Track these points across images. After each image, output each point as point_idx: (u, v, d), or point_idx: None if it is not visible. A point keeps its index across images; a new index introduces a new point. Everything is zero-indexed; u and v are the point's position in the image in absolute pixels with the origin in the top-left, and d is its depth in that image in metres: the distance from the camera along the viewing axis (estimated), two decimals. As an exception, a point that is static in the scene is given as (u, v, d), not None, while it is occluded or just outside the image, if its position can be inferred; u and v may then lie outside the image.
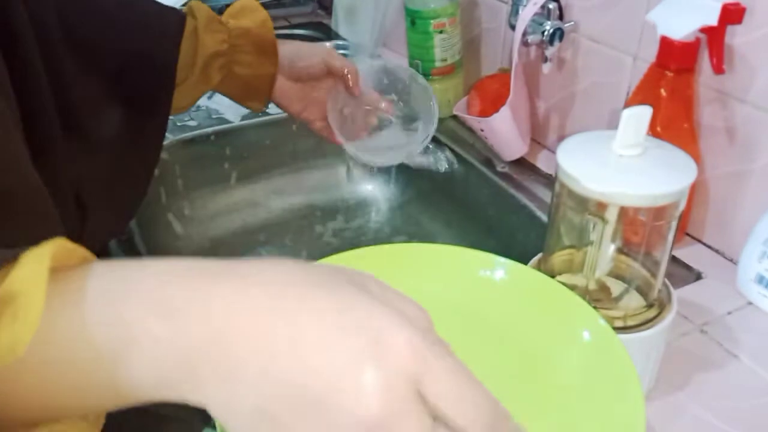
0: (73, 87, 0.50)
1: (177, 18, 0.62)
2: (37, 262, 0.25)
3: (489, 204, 0.90)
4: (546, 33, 0.81)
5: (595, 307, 0.50)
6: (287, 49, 0.70)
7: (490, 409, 0.27)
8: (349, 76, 0.71)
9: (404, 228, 1.02)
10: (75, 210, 0.50)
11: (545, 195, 0.84)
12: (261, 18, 0.68)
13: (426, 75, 0.97)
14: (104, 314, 0.26)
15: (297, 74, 0.71)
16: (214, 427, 0.33)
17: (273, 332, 0.25)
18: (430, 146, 0.93)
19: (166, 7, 0.63)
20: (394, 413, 0.24)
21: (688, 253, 0.72)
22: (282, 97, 0.71)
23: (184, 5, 0.65)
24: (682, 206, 0.51)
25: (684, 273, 0.70)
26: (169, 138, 0.94)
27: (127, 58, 0.58)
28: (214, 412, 0.26)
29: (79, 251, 0.27)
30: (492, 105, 0.88)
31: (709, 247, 0.74)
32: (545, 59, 0.84)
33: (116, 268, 0.27)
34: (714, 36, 0.64)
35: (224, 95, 0.70)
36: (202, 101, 1.05)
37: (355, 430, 0.24)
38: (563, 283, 0.52)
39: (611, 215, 0.50)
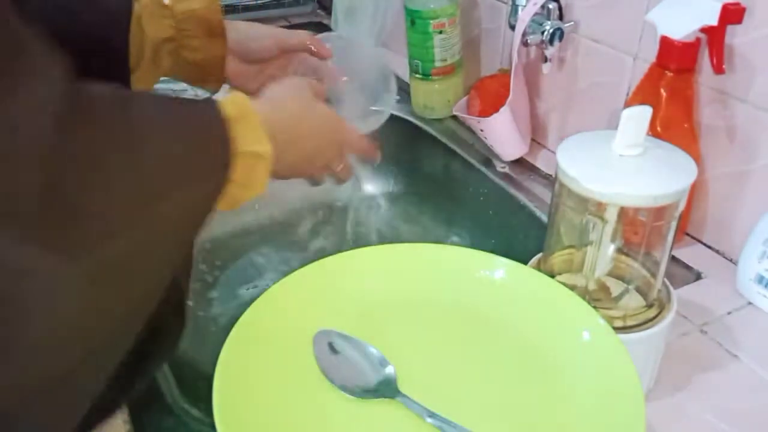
0: None
1: (124, 2, 0.61)
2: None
3: (489, 204, 0.90)
4: (546, 33, 0.81)
5: (595, 307, 0.50)
6: (237, 31, 0.69)
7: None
8: (312, 46, 0.72)
9: (404, 228, 1.02)
10: None
11: (545, 195, 0.84)
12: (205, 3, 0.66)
13: (426, 75, 0.97)
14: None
15: (249, 55, 0.70)
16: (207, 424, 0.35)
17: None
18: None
19: None
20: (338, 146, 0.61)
21: (688, 253, 0.72)
22: (236, 78, 0.71)
23: None
24: (682, 206, 0.51)
25: (684, 273, 0.70)
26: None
27: (82, 44, 0.55)
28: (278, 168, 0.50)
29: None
30: (492, 105, 0.88)
31: (709, 247, 0.74)
32: (545, 59, 0.84)
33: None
34: (714, 36, 0.64)
35: (177, 80, 0.70)
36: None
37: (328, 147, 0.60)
38: (563, 283, 0.52)
39: (611, 215, 0.50)
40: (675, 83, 0.67)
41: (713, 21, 0.62)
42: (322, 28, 1.32)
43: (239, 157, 0.45)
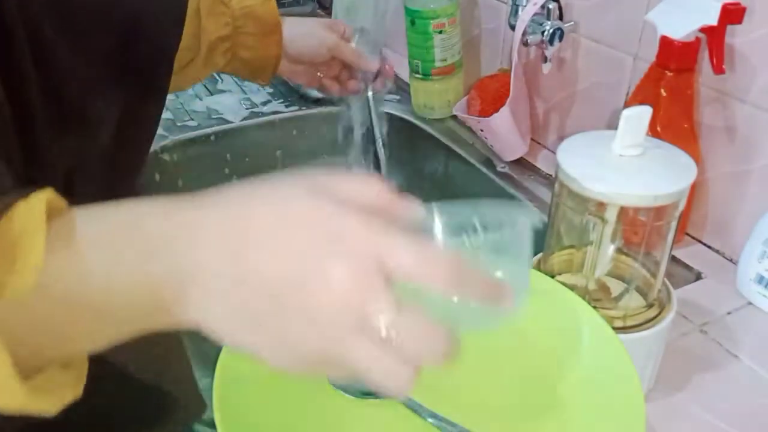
0: (68, 74, 0.44)
1: (180, 8, 0.55)
2: (33, 205, 0.27)
3: (489, 204, 0.90)
4: (546, 33, 0.81)
5: (595, 307, 0.50)
6: (291, 32, 0.70)
7: (450, 262, 0.29)
8: (360, 63, 0.74)
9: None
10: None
11: (545, 195, 0.84)
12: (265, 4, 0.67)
13: (426, 75, 0.97)
14: (102, 255, 0.29)
15: (300, 57, 0.71)
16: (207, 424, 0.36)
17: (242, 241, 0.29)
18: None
19: None
20: (364, 293, 0.27)
21: (688, 253, 0.72)
22: (288, 74, 0.73)
23: None
24: (681, 206, 0.51)
25: (684, 273, 0.70)
26: (169, 138, 0.94)
27: (126, 37, 0.52)
28: (204, 323, 0.30)
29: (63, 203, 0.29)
30: (492, 105, 0.88)
31: (709, 247, 0.74)
32: (545, 59, 0.84)
33: (99, 213, 0.30)
34: (714, 36, 0.64)
35: (229, 74, 0.70)
36: (203, 102, 1.05)
37: (334, 317, 0.28)
38: (563, 283, 0.52)
39: (611, 215, 0.50)
40: (675, 83, 0.67)
41: (713, 21, 0.62)
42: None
43: None
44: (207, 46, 0.63)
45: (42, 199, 0.28)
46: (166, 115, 1.00)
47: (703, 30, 0.64)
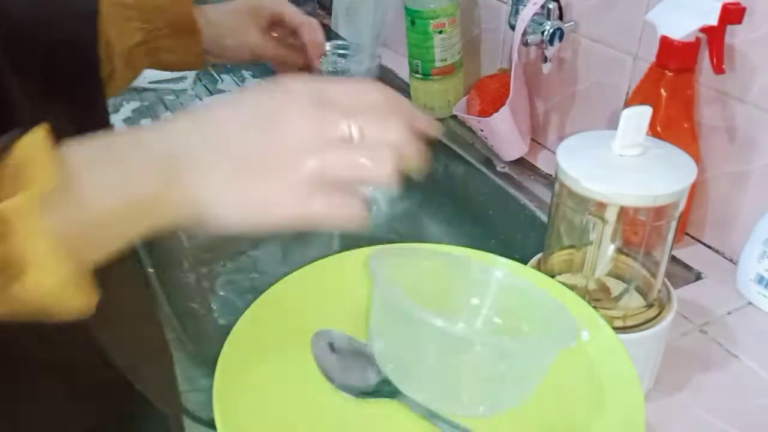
0: (10, 90, 0.42)
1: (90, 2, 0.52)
2: (35, 137, 0.30)
3: (489, 204, 0.90)
4: (546, 33, 0.81)
5: (595, 307, 0.50)
6: (210, 25, 0.64)
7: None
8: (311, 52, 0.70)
9: (404, 228, 1.02)
10: None
11: (545, 195, 0.84)
12: None
13: (426, 75, 0.97)
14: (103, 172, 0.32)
15: (224, 54, 0.68)
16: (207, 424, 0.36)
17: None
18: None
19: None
20: (318, 121, 0.35)
21: (688, 253, 0.72)
22: (219, 59, 0.69)
23: None
24: (681, 206, 0.51)
25: (684, 273, 0.70)
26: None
27: (52, 48, 0.48)
28: (199, 197, 0.34)
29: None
30: (492, 105, 0.88)
31: (709, 247, 0.74)
32: (545, 59, 0.84)
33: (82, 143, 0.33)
34: (714, 36, 0.64)
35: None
36: (203, 102, 1.05)
37: (300, 146, 0.34)
38: (563, 283, 0.52)
39: (611, 215, 0.50)
40: (675, 83, 0.67)
41: (713, 21, 0.62)
42: (321, 28, 1.32)
43: None
44: (122, 55, 0.58)
45: (41, 129, 0.31)
46: (166, 114, 1.00)
47: (703, 30, 0.64)
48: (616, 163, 0.49)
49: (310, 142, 0.34)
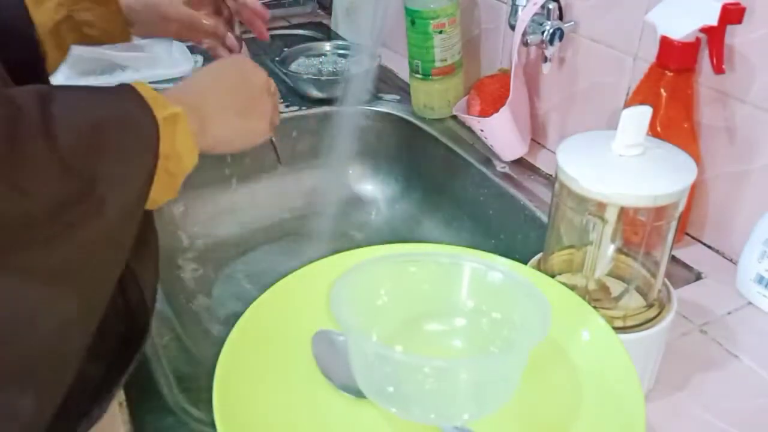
0: None
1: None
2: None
3: (489, 204, 0.90)
4: (546, 33, 0.81)
5: (595, 307, 0.50)
6: (129, 2, 0.66)
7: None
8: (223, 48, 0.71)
9: (404, 228, 1.02)
10: None
11: (545, 195, 0.84)
12: None
13: (426, 75, 0.97)
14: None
15: (149, 32, 0.70)
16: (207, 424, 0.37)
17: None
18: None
19: None
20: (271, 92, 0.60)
21: (688, 253, 0.72)
22: (146, 31, 0.70)
23: None
24: (681, 206, 0.51)
25: (684, 273, 0.70)
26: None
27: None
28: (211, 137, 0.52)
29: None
30: (492, 105, 0.88)
31: (709, 247, 0.74)
32: (545, 59, 0.84)
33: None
34: (714, 36, 0.64)
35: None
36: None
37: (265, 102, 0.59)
38: (563, 283, 0.52)
39: (611, 215, 0.50)
40: (675, 83, 0.67)
41: (713, 21, 0.63)
42: (322, 28, 1.32)
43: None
44: (50, 37, 0.60)
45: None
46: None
47: (703, 30, 0.64)
48: (616, 163, 0.49)
49: (264, 91, 0.58)
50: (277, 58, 1.13)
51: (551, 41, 0.81)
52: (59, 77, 0.63)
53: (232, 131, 0.55)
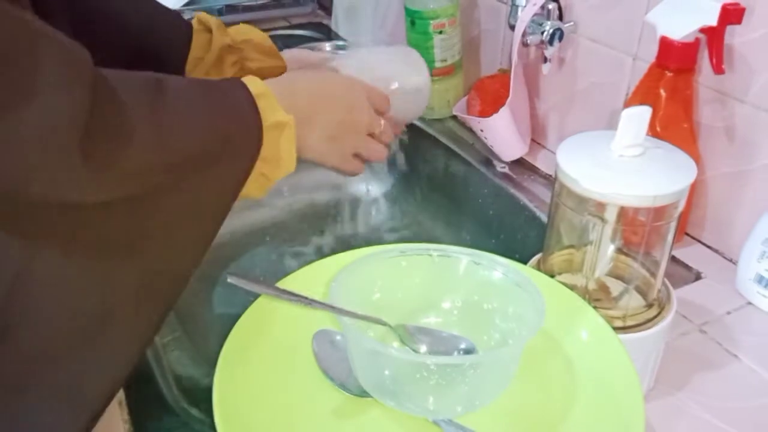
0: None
1: (185, 22, 0.64)
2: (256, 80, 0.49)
3: (489, 204, 0.90)
4: (545, 33, 0.81)
5: (594, 307, 0.50)
6: (294, 54, 0.71)
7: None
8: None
9: (404, 228, 1.02)
10: None
11: (545, 195, 0.84)
12: (260, 33, 0.69)
13: (426, 75, 0.97)
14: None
15: None
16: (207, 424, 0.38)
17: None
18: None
19: (173, 11, 0.65)
20: (371, 119, 0.60)
21: (688, 253, 0.72)
22: None
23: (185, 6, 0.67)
24: (681, 206, 0.51)
25: (683, 273, 0.71)
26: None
27: (135, 58, 0.59)
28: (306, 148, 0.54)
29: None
30: (492, 105, 0.88)
31: (709, 247, 0.74)
32: (545, 59, 0.84)
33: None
34: (714, 36, 0.64)
35: None
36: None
37: (362, 129, 0.59)
38: (563, 283, 0.53)
39: (611, 215, 0.50)
40: (674, 83, 0.67)
41: (713, 21, 0.63)
42: (322, 28, 1.32)
43: (264, 132, 0.47)
44: (215, 53, 0.65)
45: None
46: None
47: (702, 30, 0.64)
48: (616, 163, 0.49)
49: (364, 130, 0.59)
50: (277, 59, 1.13)
51: (551, 41, 0.82)
52: None
53: (315, 148, 0.56)
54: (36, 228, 0.37)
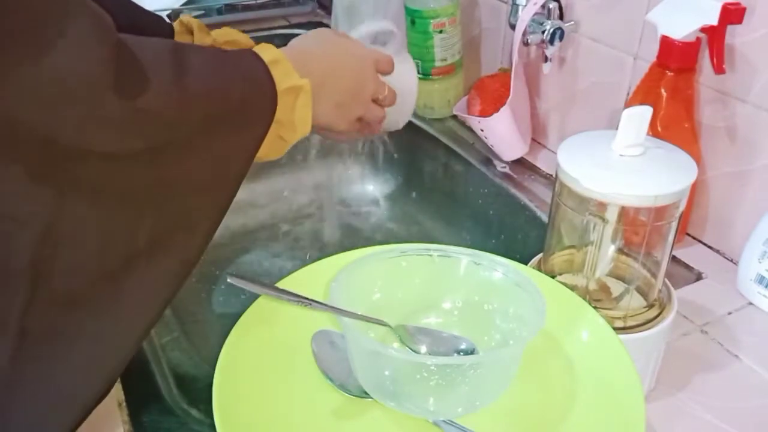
0: None
1: (167, 24, 0.65)
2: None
3: (489, 204, 0.90)
4: (546, 33, 0.81)
5: (595, 308, 0.50)
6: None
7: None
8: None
9: (404, 228, 1.02)
10: None
11: (545, 195, 0.84)
12: (243, 36, 0.70)
13: (426, 75, 0.97)
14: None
15: None
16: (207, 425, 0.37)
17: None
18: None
19: (155, 14, 0.66)
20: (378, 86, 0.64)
21: (689, 254, 0.72)
22: None
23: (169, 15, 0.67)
24: (682, 206, 0.50)
25: (684, 273, 0.70)
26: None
27: None
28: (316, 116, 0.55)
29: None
30: (492, 105, 0.88)
31: (710, 247, 0.74)
32: (545, 59, 0.84)
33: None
34: (714, 36, 0.64)
35: None
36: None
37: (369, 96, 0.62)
38: (563, 284, 0.52)
39: (611, 215, 0.50)
40: (675, 83, 0.67)
41: (713, 21, 0.62)
42: (321, 27, 1.32)
43: (279, 96, 0.49)
44: None
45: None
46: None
47: (703, 30, 0.64)
48: (617, 163, 0.49)
49: (369, 96, 0.62)
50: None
51: (552, 41, 0.81)
52: None
53: (327, 116, 0.58)
54: (66, 178, 0.39)
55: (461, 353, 0.48)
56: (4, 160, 0.36)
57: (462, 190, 0.94)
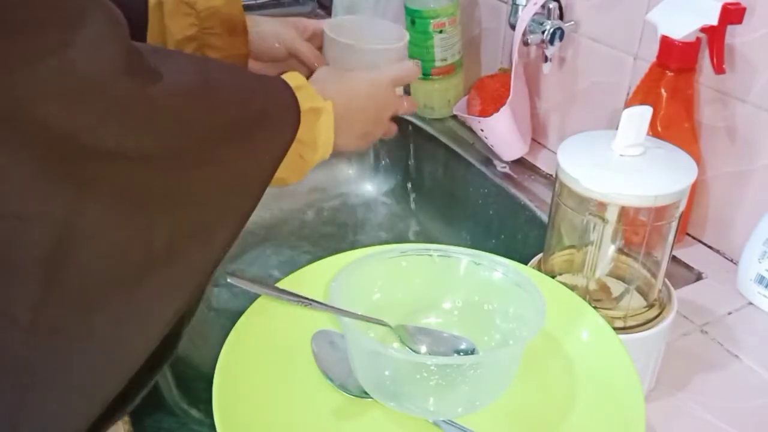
0: None
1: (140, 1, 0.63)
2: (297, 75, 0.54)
3: (489, 204, 0.90)
4: (546, 33, 0.81)
5: (595, 308, 0.50)
6: (252, 31, 0.70)
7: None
8: (315, 62, 0.72)
9: (403, 228, 1.02)
10: None
11: (545, 195, 0.84)
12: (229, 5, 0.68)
13: (426, 75, 0.97)
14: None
15: (261, 56, 0.72)
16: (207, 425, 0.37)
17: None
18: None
19: None
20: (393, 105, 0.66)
21: (689, 254, 0.72)
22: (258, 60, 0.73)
23: None
24: (682, 206, 0.50)
25: (684, 273, 0.70)
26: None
27: None
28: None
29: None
30: (492, 105, 0.88)
31: (710, 247, 0.74)
32: (545, 59, 0.84)
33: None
34: (714, 36, 0.64)
35: None
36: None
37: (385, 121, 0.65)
38: (563, 284, 0.52)
39: (611, 215, 0.50)
40: (675, 83, 0.67)
41: (713, 21, 0.62)
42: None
43: (302, 115, 0.50)
44: (173, 46, 0.64)
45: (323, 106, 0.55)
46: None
47: (703, 30, 0.64)
48: (617, 163, 0.49)
49: (388, 118, 0.65)
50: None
51: (552, 41, 0.81)
52: None
53: (348, 145, 0.61)
54: (85, 177, 0.38)
55: (461, 353, 0.48)
56: (22, 156, 0.36)
57: (462, 190, 0.94)
